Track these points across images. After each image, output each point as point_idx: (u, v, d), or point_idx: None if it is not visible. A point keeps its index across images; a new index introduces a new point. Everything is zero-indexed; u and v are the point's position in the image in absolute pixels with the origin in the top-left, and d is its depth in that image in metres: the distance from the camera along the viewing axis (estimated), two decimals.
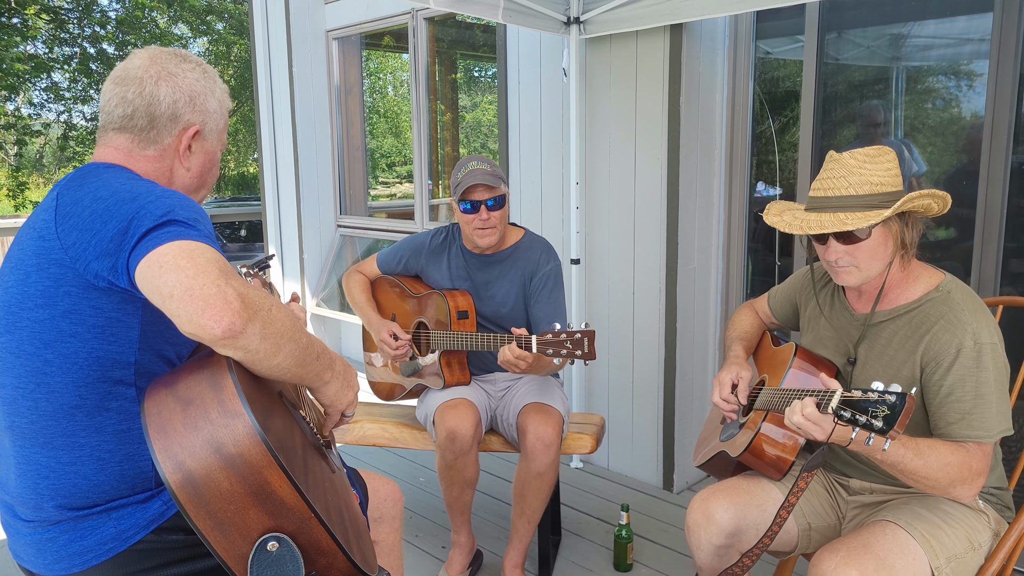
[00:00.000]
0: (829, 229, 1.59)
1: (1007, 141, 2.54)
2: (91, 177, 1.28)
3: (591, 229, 3.45)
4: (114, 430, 1.26)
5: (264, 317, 1.16)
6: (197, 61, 1.44)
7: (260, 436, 1.11)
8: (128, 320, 1.24)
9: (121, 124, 1.37)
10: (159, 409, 1.15)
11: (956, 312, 1.59)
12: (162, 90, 1.36)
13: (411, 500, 3.26)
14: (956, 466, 1.50)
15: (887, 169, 1.61)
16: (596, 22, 3.18)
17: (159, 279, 1.11)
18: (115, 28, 15.71)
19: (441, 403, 2.47)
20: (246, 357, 1.17)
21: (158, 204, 1.19)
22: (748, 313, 2.15)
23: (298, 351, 1.24)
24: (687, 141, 3.11)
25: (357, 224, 5.35)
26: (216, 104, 1.44)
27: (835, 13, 2.96)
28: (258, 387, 1.24)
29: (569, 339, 2.11)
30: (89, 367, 1.23)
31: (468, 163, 2.48)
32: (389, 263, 2.77)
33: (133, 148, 1.37)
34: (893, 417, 1.30)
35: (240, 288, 1.13)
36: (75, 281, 1.21)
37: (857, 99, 3.04)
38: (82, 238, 1.19)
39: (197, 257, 1.13)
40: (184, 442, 1.11)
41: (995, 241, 2.60)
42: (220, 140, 1.47)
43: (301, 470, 1.20)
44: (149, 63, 1.38)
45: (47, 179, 17.53)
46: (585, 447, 2.63)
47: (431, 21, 4.63)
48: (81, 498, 1.26)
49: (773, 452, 1.80)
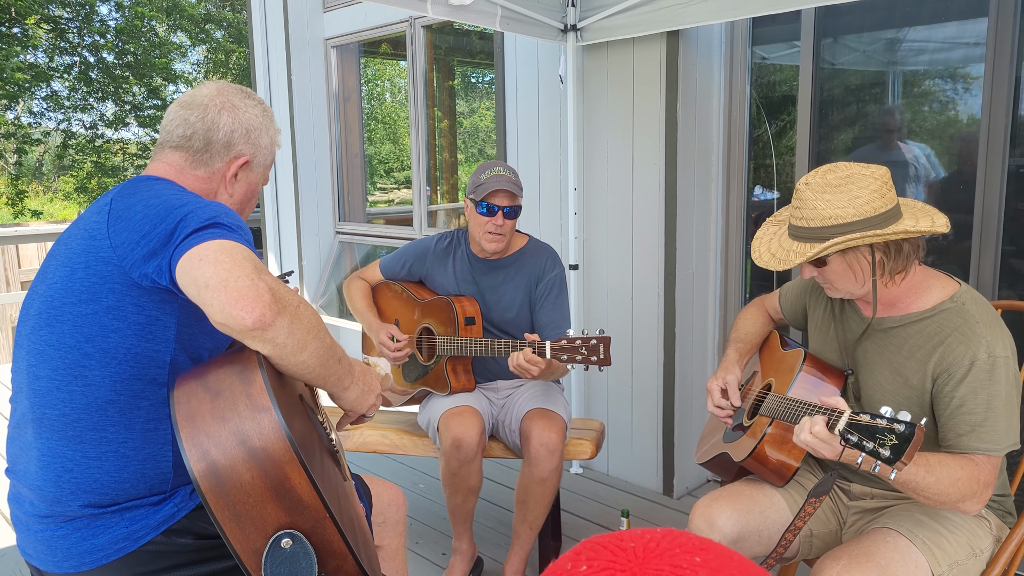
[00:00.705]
0: (773, 265, 1.62)
1: (1003, 144, 2.54)
2: (143, 187, 1.35)
3: (589, 235, 3.46)
4: (142, 428, 1.30)
5: (292, 312, 1.21)
6: (259, 100, 1.55)
7: (285, 432, 1.14)
8: (166, 319, 1.29)
9: (179, 143, 1.45)
10: (188, 398, 1.18)
11: (971, 324, 1.57)
12: (223, 119, 1.46)
13: (411, 507, 3.26)
14: (966, 480, 1.48)
15: (853, 197, 1.53)
16: (593, 29, 3.18)
17: (197, 270, 1.17)
18: (115, 37, 15.74)
19: (446, 410, 2.47)
20: (274, 351, 1.21)
21: (206, 210, 1.26)
22: (754, 312, 2.12)
23: (323, 350, 1.28)
24: (684, 146, 3.12)
25: (356, 231, 5.36)
26: (268, 141, 1.54)
27: (831, 18, 2.96)
28: (283, 386, 1.27)
29: (584, 345, 2.12)
30: (127, 363, 1.28)
31: (494, 167, 2.48)
32: (393, 268, 2.76)
33: (185, 166, 1.46)
34: (901, 448, 1.28)
35: (272, 283, 1.19)
36: (120, 279, 1.26)
37: (854, 103, 3.05)
38: (131, 238, 1.25)
39: (236, 254, 1.19)
40: (211, 432, 1.14)
41: (993, 244, 2.60)
42: (264, 175, 1.57)
43: (319, 471, 1.22)
44: (216, 93, 1.49)
45: (46, 187, 17.53)
46: (585, 453, 2.63)
47: (429, 28, 4.64)
48: (101, 494, 1.29)
49: (777, 459, 1.79)
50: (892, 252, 1.58)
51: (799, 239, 1.61)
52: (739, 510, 1.78)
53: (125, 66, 15.93)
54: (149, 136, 16.84)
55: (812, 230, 1.57)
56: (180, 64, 17.33)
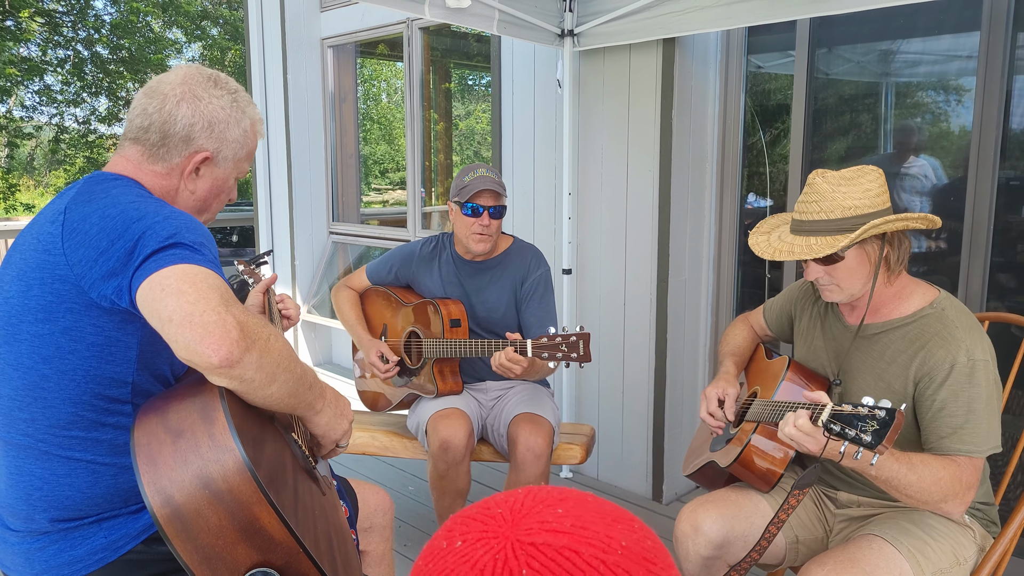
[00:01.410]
0: (796, 256, 1.61)
1: (994, 156, 2.57)
2: (100, 192, 1.27)
3: (583, 239, 3.47)
4: (110, 444, 1.26)
5: (262, 347, 1.15)
6: (231, 89, 1.43)
7: (250, 472, 1.11)
8: (127, 340, 1.24)
9: (136, 135, 1.37)
10: (149, 440, 1.14)
11: (950, 329, 1.61)
12: (181, 111, 1.36)
13: (400, 509, 3.26)
14: (948, 480, 1.51)
15: (865, 190, 1.60)
16: (590, 35, 3.20)
17: (160, 302, 1.11)
18: (109, 32, 15.69)
19: (434, 413, 2.47)
20: (240, 387, 1.16)
21: (165, 225, 1.19)
22: (742, 327, 2.16)
23: (292, 381, 1.23)
24: (679, 153, 3.13)
25: (349, 231, 5.36)
26: (239, 134, 1.43)
27: (825, 29, 2.99)
28: (250, 416, 1.23)
29: (564, 342, 2.13)
30: (86, 384, 1.23)
31: (476, 169, 2.49)
32: (379, 273, 2.77)
33: (142, 161, 1.37)
34: (882, 432, 1.31)
35: (240, 316, 1.13)
36: (78, 299, 1.20)
37: (847, 112, 3.07)
38: (88, 256, 1.18)
39: (199, 282, 1.12)
40: (173, 476, 1.10)
41: (982, 255, 2.62)
42: (236, 168, 1.46)
43: (291, 501, 1.20)
44: (180, 82, 1.38)
45: (38, 182, 17.45)
46: (575, 457, 2.64)
47: (426, 30, 4.65)
48: (73, 510, 1.26)
49: (763, 464, 1.81)
50: (896, 245, 1.64)
51: (813, 233, 1.62)
52: (725, 515, 1.80)
53: (119, 61, 15.88)
54: None
55: (833, 222, 1.60)
56: (175, 60, 17.29)
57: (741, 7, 2.62)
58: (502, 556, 0.57)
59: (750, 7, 2.59)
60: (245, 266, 2.22)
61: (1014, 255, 2.63)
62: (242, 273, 2.21)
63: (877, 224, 1.57)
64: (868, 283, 1.66)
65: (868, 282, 1.66)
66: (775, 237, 1.73)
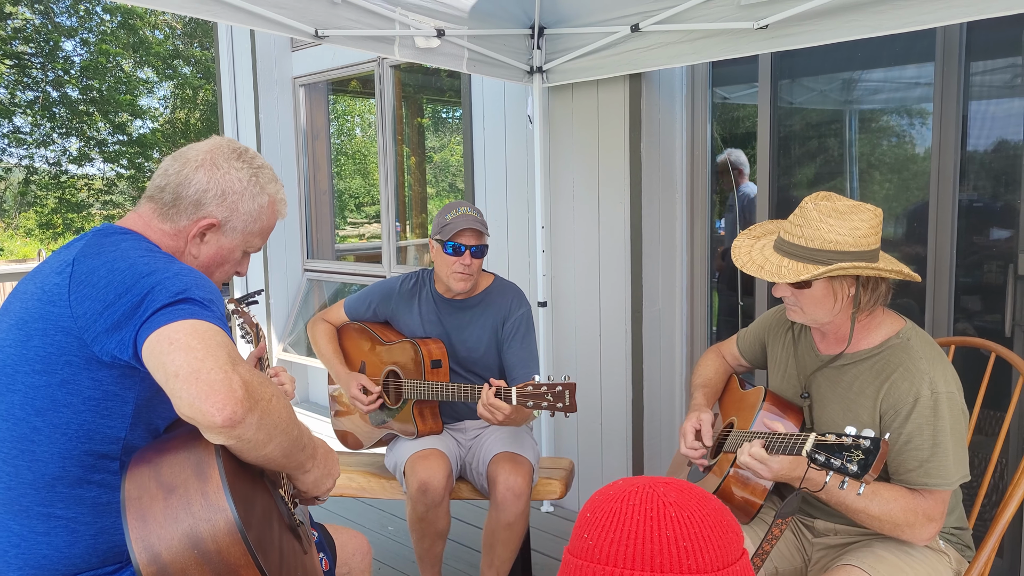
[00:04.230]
0: (762, 274, 1.64)
1: (953, 181, 2.63)
2: (109, 246, 1.27)
3: (557, 272, 3.48)
4: (92, 503, 1.24)
5: (264, 408, 1.14)
6: (255, 164, 1.45)
7: (241, 534, 1.09)
8: (124, 395, 1.22)
9: (152, 193, 1.40)
10: (140, 493, 1.12)
11: (914, 360, 1.62)
12: (198, 176, 1.38)
13: (379, 550, 3.21)
14: (913, 511, 1.53)
15: (853, 228, 1.58)
16: (558, 71, 3.25)
17: (167, 355, 1.10)
18: (79, 73, 15.64)
19: (412, 454, 2.44)
20: (237, 445, 1.15)
21: (175, 281, 1.19)
22: (713, 358, 2.17)
23: (288, 442, 1.22)
24: (649, 184, 3.17)
25: (324, 268, 5.33)
26: (254, 207, 1.44)
27: (787, 60, 3.06)
28: (243, 470, 1.22)
29: (550, 391, 2.10)
30: (78, 439, 1.21)
31: (459, 207, 2.48)
32: (358, 309, 2.75)
33: (152, 218, 1.39)
34: (867, 462, 1.32)
35: (246, 375, 1.12)
36: (79, 352, 1.19)
37: (814, 138, 3.14)
38: (94, 308, 1.18)
39: (209, 339, 1.12)
40: (163, 533, 1.09)
41: (947, 278, 2.68)
42: (245, 242, 1.46)
43: (276, 563, 1.18)
44: (206, 150, 1.42)
45: (8, 223, 17.20)
46: (555, 493, 2.62)
47: (397, 68, 4.69)
48: (49, 570, 1.23)
49: (742, 495, 1.81)
50: (870, 288, 1.64)
51: (791, 256, 1.64)
52: None
53: (90, 101, 15.81)
54: (115, 172, 16.67)
55: (810, 251, 1.60)
56: (147, 99, 17.26)
57: (704, 43, 2.68)
58: (645, 489, 0.78)
59: (713, 43, 2.66)
60: (235, 304, 2.19)
61: (980, 276, 2.69)
62: (232, 312, 2.17)
63: (845, 268, 1.58)
64: (832, 314, 1.68)
65: (833, 313, 1.68)
66: (757, 249, 1.74)
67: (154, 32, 16.77)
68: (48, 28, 15.17)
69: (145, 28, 16.43)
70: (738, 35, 2.57)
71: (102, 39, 15.73)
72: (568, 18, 3.12)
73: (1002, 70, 2.60)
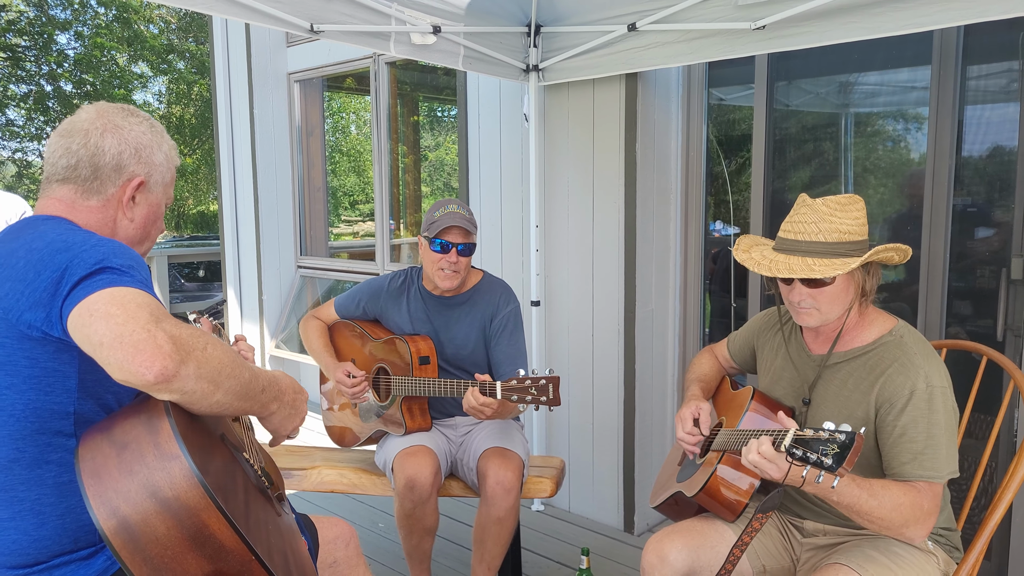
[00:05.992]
0: (798, 274, 1.63)
1: (948, 185, 2.64)
2: (27, 229, 1.28)
3: (551, 271, 3.48)
4: (54, 483, 1.23)
5: (199, 357, 1.14)
6: (144, 116, 1.45)
7: (198, 478, 1.10)
8: (64, 369, 1.22)
9: (65, 175, 1.36)
10: (93, 455, 1.13)
11: (909, 356, 1.65)
12: (107, 141, 1.37)
13: (370, 547, 3.20)
14: (908, 506, 1.53)
15: (855, 218, 1.66)
16: (554, 70, 3.24)
17: (89, 328, 1.10)
18: (72, 67, 15.57)
19: (400, 450, 2.44)
20: (183, 399, 1.15)
21: (92, 252, 1.18)
22: (707, 357, 2.19)
23: (239, 386, 1.22)
24: (644, 184, 3.17)
25: (317, 265, 5.32)
26: (163, 158, 1.45)
27: (784, 62, 3.07)
28: (197, 429, 1.22)
29: (534, 385, 2.12)
30: (26, 419, 1.21)
31: (448, 204, 2.49)
32: (348, 307, 2.75)
33: (76, 199, 1.36)
34: (842, 455, 1.34)
35: (172, 330, 1.12)
36: (9, 332, 1.19)
37: (809, 141, 3.14)
38: (15, 288, 1.18)
39: (128, 303, 1.12)
40: (119, 487, 1.09)
41: (940, 283, 2.68)
42: (166, 193, 1.48)
43: (242, 512, 1.18)
44: (96, 116, 1.39)
45: None
46: (545, 491, 2.62)
47: (393, 65, 4.68)
48: (22, 555, 1.22)
49: (728, 494, 1.82)
50: (872, 274, 1.70)
51: (810, 254, 1.65)
52: (690, 545, 1.80)
53: (84, 95, 15.73)
54: None
55: (828, 244, 1.64)
56: (140, 94, 17.20)
57: (701, 43, 2.68)
58: None
59: (710, 43, 2.66)
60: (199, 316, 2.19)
61: (973, 280, 2.69)
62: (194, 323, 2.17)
63: (878, 251, 1.63)
64: (845, 308, 1.70)
65: (845, 307, 1.70)
66: (757, 255, 1.75)
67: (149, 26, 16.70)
68: (42, 21, 15.10)
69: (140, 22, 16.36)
70: (735, 35, 2.57)
71: (96, 33, 15.67)
72: (565, 16, 3.12)
73: (998, 75, 2.61)
